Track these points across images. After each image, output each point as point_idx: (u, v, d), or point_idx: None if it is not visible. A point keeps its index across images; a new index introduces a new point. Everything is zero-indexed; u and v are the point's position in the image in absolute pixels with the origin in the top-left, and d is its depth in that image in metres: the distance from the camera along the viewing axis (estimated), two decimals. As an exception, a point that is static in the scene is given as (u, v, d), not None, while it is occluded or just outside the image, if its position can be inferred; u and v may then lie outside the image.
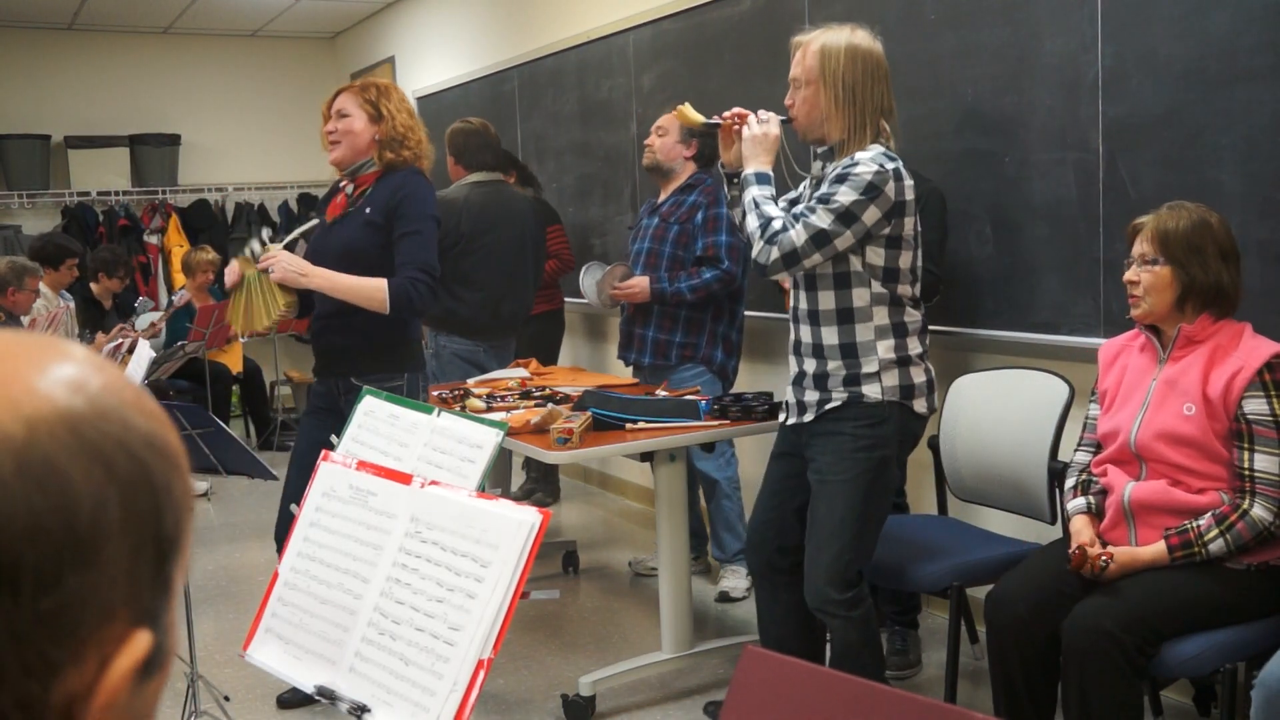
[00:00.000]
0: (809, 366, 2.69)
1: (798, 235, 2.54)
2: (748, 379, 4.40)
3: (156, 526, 0.55)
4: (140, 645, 0.53)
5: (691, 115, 2.81)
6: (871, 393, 2.60)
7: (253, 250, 3.17)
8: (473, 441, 2.14)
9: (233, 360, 6.91)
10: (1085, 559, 2.40)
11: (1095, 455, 2.64)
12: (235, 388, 6.99)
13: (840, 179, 2.54)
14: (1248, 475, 2.34)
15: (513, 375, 4.17)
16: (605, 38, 5.28)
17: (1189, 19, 2.84)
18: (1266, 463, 2.32)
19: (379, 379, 3.07)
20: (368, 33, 8.29)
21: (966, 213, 3.47)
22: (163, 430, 0.57)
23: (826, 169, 2.64)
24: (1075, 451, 2.70)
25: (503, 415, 3.37)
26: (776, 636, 2.88)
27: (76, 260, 6.08)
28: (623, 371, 4.35)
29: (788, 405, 2.78)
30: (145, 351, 3.77)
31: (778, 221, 2.57)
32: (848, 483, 2.62)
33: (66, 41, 7.97)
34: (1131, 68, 2.99)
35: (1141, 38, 2.95)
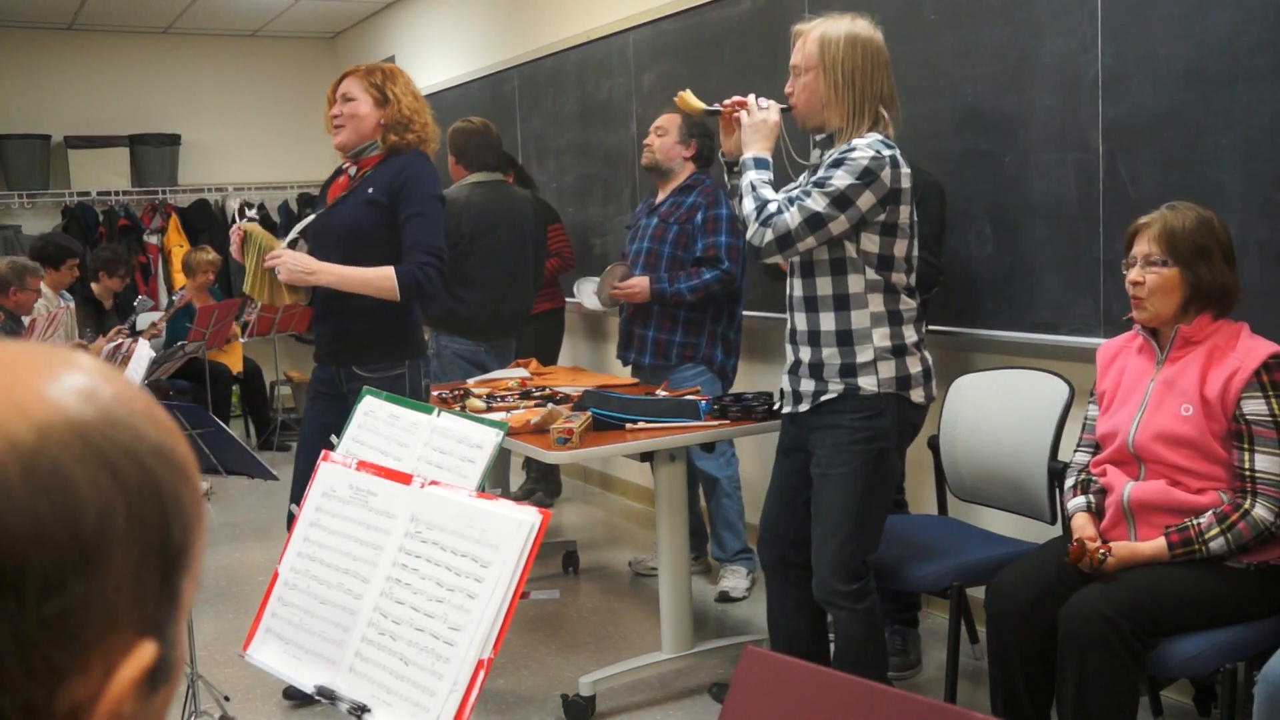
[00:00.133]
0: (804, 355, 2.69)
1: (792, 218, 2.55)
2: (747, 378, 4.40)
3: (163, 536, 0.55)
4: (145, 655, 0.53)
5: (693, 102, 2.81)
6: (868, 385, 2.61)
7: (239, 211, 3.18)
8: (473, 441, 2.14)
9: (233, 360, 6.91)
10: (1084, 552, 2.40)
11: (1094, 456, 2.64)
12: (235, 388, 6.99)
13: (837, 164, 2.55)
14: (1248, 475, 2.34)
15: (513, 375, 4.17)
16: (605, 38, 5.28)
17: (1189, 19, 2.84)
18: (1267, 463, 2.32)
19: (381, 367, 3.08)
20: (368, 33, 8.28)
21: (966, 213, 3.47)
22: (173, 441, 0.57)
23: (825, 156, 2.64)
24: (1074, 452, 2.70)
25: (503, 415, 3.37)
26: (786, 632, 2.88)
27: (77, 260, 6.08)
28: (622, 371, 4.35)
29: (783, 394, 2.79)
30: (145, 351, 3.77)
31: (773, 204, 2.58)
32: (848, 475, 2.63)
33: (66, 41, 7.96)
34: (1131, 68, 2.99)
35: (1141, 38, 2.95)
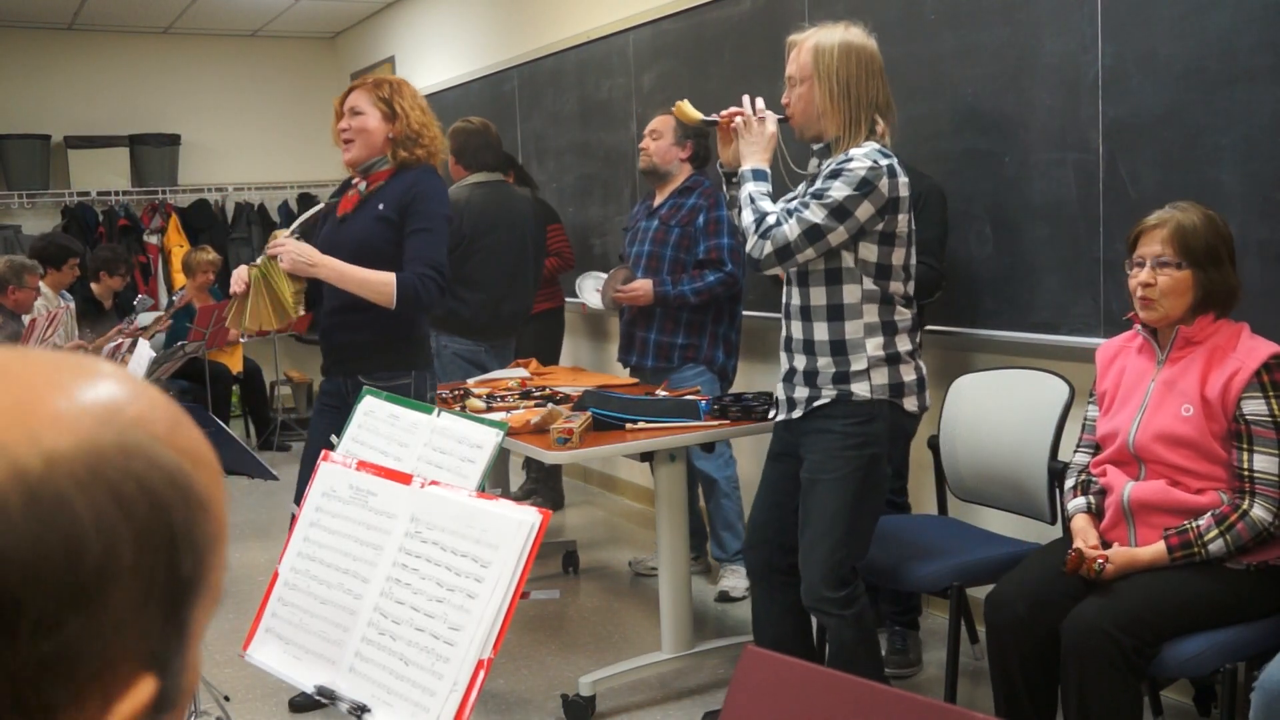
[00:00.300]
0: (799, 363, 2.70)
1: (791, 229, 2.55)
2: (746, 379, 4.40)
3: (171, 571, 0.52)
4: (144, 692, 0.52)
5: (690, 112, 2.80)
6: (861, 391, 2.61)
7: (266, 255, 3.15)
8: (473, 441, 2.14)
9: (233, 360, 6.91)
10: (1081, 562, 2.40)
11: (1094, 456, 2.63)
12: (235, 388, 6.99)
13: (834, 174, 2.55)
14: (1247, 476, 2.34)
15: (513, 375, 4.17)
16: (605, 38, 5.28)
17: (1189, 19, 2.84)
18: (1266, 463, 2.32)
19: (388, 377, 3.07)
20: (368, 33, 8.28)
21: (966, 213, 3.47)
22: (193, 465, 0.54)
23: (822, 166, 2.64)
24: (1074, 452, 2.70)
25: (503, 415, 3.37)
26: (773, 637, 2.88)
27: (78, 260, 6.08)
28: (623, 372, 4.35)
29: (778, 402, 2.80)
30: (145, 351, 3.77)
31: (772, 216, 2.58)
32: (838, 481, 2.63)
33: (66, 41, 7.96)
34: (1131, 68, 2.99)
35: (1141, 38, 2.95)
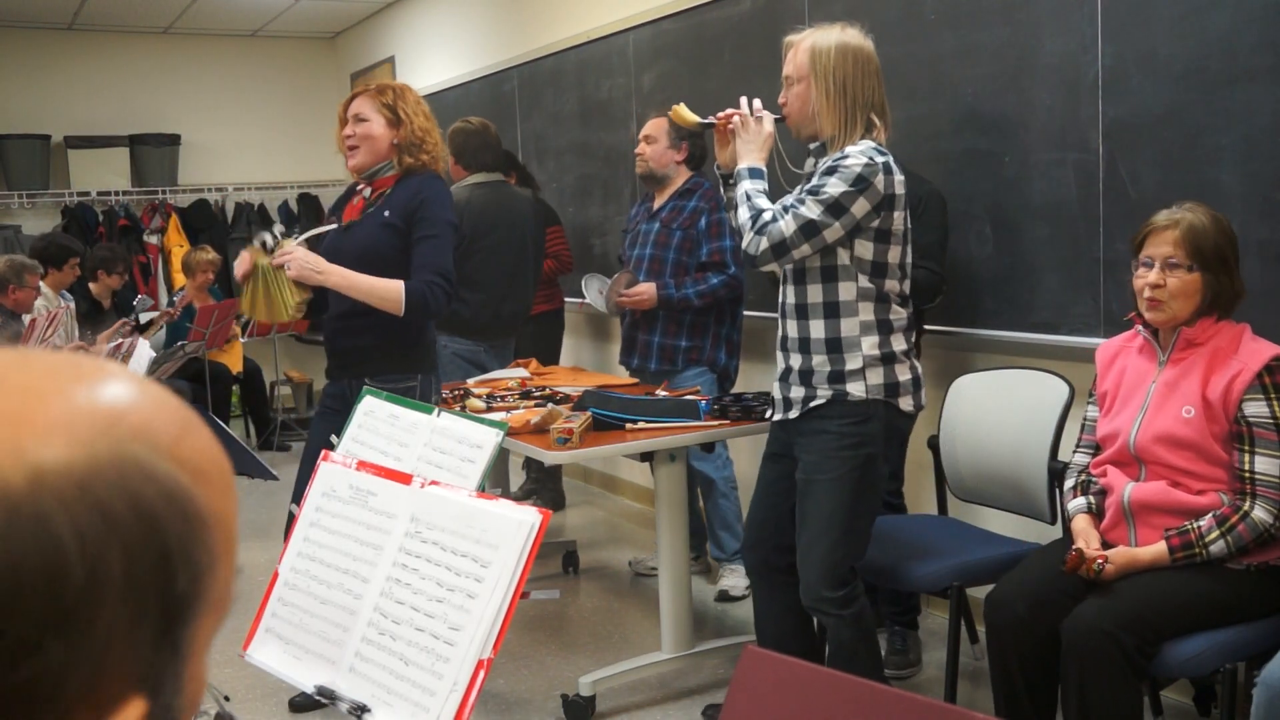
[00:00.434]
0: (795, 362, 2.70)
1: (787, 225, 2.56)
2: (746, 379, 4.40)
3: (164, 591, 0.49)
4: (134, 714, 0.49)
5: (686, 115, 2.80)
6: (856, 390, 2.61)
7: (264, 241, 3.15)
8: (473, 441, 2.14)
9: (233, 360, 6.91)
10: (1081, 562, 2.40)
11: (1094, 456, 2.63)
12: (235, 388, 6.99)
13: (830, 171, 2.56)
14: (1248, 477, 2.34)
15: (513, 375, 4.17)
16: (605, 38, 5.28)
17: (1189, 19, 2.84)
18: (1267, 465, 2.32)
19: (393, 380, 3.07)
20: (368, 33, 8.28)
21: (966, 213, 3.47)
22: (195, 480, 0.52)
23: (818, 164, 2.65)
24: (1074, 452, 2.69)
25: (503, 415, 3.37)
26: (774, 636, 2.88)
27: (79, 259, 6.07)
28: (624, 373, 4.35)
29: (774, 401, 2.80)
30: (145, 351, 3.77)
31: (768, 213, 2.59)
32: (834, 481, 2.63)
33: (66, 41, 7.96)
34: (1131, 68, 2.98)
35: (1141, 38, 2.95)
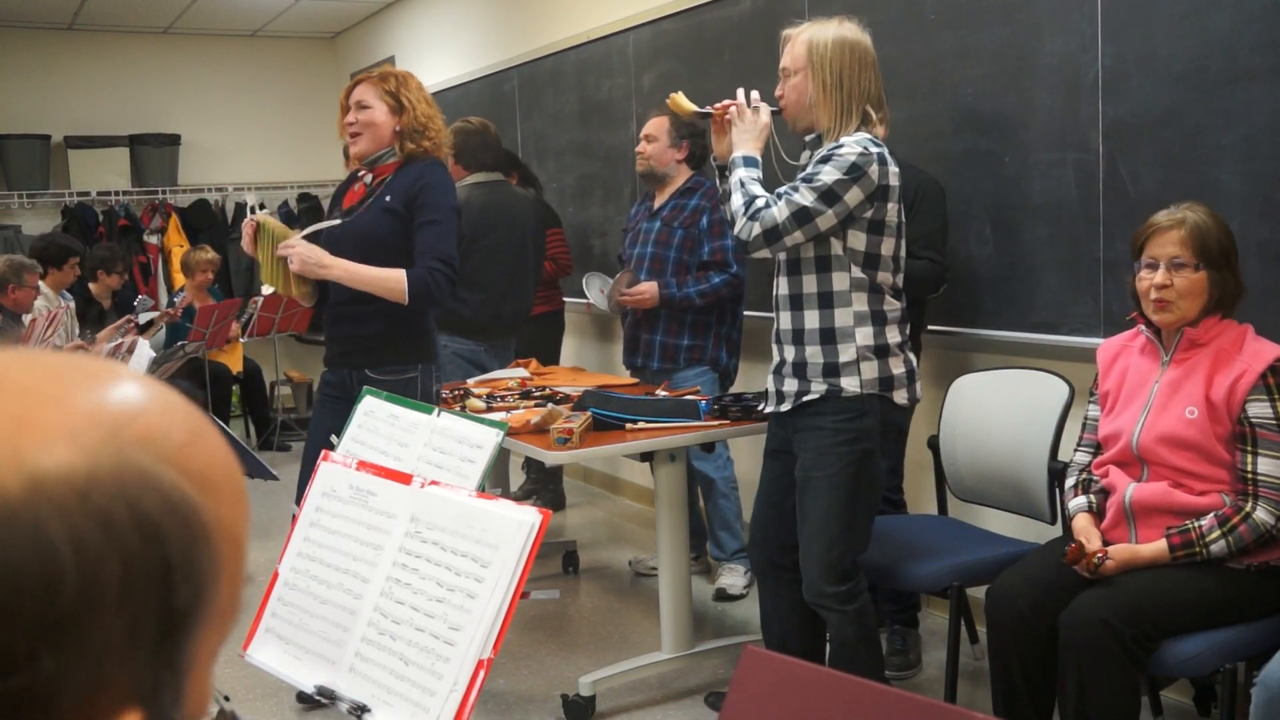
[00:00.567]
0: (789, 354, 2.70)
1: (780, 212, 2.56)
2: (747, 379, 4.40)
3: (164, 602, 0.48)
4: None
5: (684, 104, 2.81)
6: (850, 386, 2.62)
7: (252, 207, 3.22)
8: (473, 441, 2.14)
9: (233, 360, 6.91)
10: (1081, 554, 2.40)
11: (1095, 456, 2.63)
12: (235, 388, 6.99)
13: (824, 160, 2.57)
14: (1250, 478, 2.34)
15: (513, 375, 4.17)
16: (605, 38, 5.28)
17: (1189, 19, 2.84)
18: (1270, 466, 2.32)
19: (394, 370, 3.07)
20: (368, 33, 8.28)
21: (966, 213, 3.47)
22: (201, 491, 0.50)
23: (813, 155, 2.66)
24: (1075, 452, 2.69)
25: (503, 415, 3.37)
26: (780, 633, 2.89)
27: (78, 259, 6.07)
28: (625, 373, 4.35)
29: (768, 394, 2.81)
30: (145, 351, 3.77)
31: (761, 199, 2.60)
32: (832, 477, 2.64)
33: (66, 41, 7.96)
34: (1131, 68, 2.98)
35: (1141, 38, 2.95)
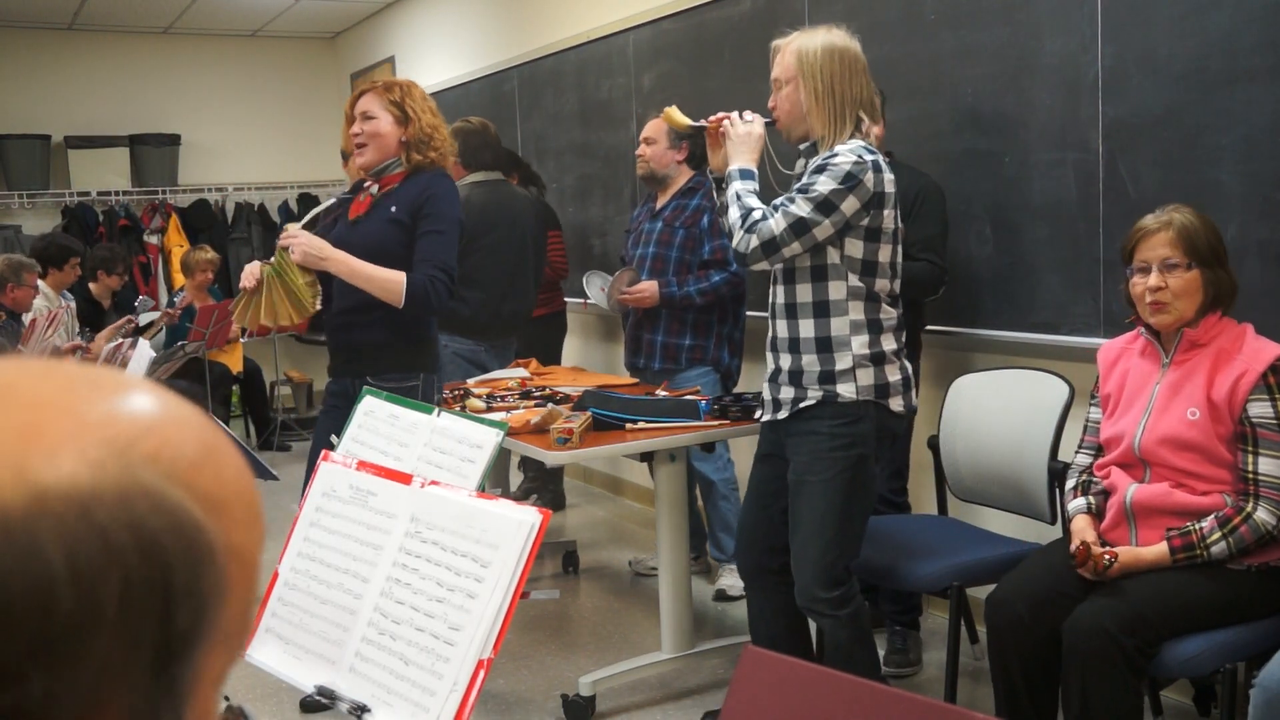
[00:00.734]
0: (785, 362, 2.70)
1: (777, 224, 2.56)
2: (749, 378, 4.40)
3: (163, 625, 0.47)
4: None
5: (678, 118, 2.81)
6: (846, 392, 2.61)
7: (284, 225, 3.21)
8: (473, 441, 2.14)
9: (233, 360, 6.91)
10: (1089, 556, 2.39)
11: (1096, 458, 2.63)
12: (235, 388, 6.99)
13: (819, 170, 2.57)
14: (1251, 478, 2.33)
15: (513, 375, 4.17)
16: (605, 38, 5.28)
17: (1189, 19, 2.84)
18: (1270, 466, 2.32)
19: (395, 379, 3.07)
20: (368, 33, 8.28)
21: (966, 213, 3.47)
22: (210, 512, 0.49)
23: (808, 165, 2.66)
24: (1075, 453, 2.69)
25: (503, 415, 3.37)
26: (767, 637, 2.88)
27: (79, 259, 6.07)
28: (625, 373, 4.35)
29: (764, 402, 2.80)
30: (145, 351, 3.77)
31: (758, 211, 2.60)
32: (826, 482, 2.63)
33: (66, 41, 7.96)
34: (1131, 68, 2.98)
35: (1141, 38, 2.95)
